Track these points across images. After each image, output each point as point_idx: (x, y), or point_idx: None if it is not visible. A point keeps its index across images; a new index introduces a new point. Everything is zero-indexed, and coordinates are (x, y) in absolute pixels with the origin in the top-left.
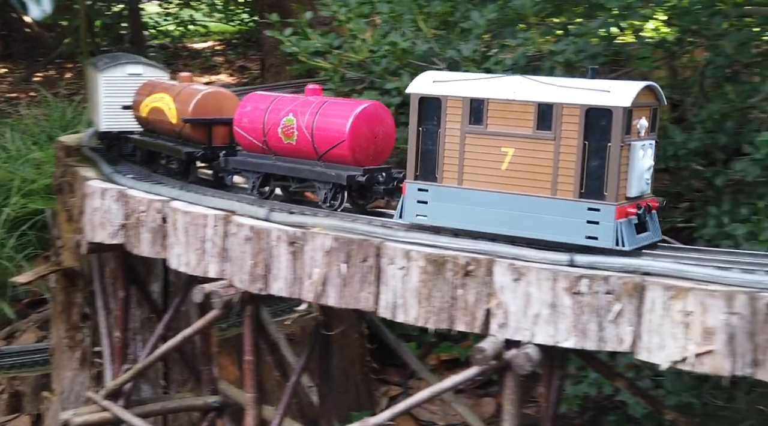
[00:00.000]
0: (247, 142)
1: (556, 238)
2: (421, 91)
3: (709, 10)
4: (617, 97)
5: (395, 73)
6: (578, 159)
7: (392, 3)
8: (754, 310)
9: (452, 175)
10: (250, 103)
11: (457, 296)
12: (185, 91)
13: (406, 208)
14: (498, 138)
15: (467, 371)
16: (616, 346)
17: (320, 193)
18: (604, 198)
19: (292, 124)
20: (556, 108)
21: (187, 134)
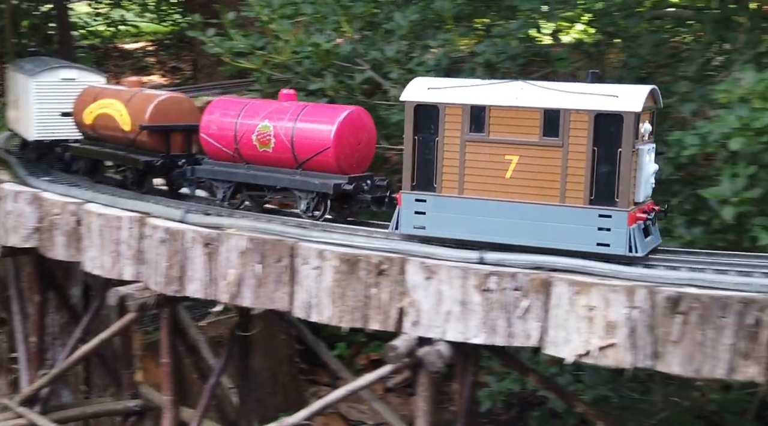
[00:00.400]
0: (216, 150)
1: (566, 246)
2: (417, 99)
3: (624, 12)
4: (627, 102)
5: (319, 73)
6: (588, 165)
7: (316, 4)
8: (654, 304)
9: (452, 185)
10: (218, 108)
11: (371, 295)
12: (139, 97)
13: (403, 219)
14: (501, 146)
15: (381, 369)
16: (524, 342)
17: (301, 203)
18: (615, 204)
19: (268, 131)
20: (564, 114)
21: (142, 142)
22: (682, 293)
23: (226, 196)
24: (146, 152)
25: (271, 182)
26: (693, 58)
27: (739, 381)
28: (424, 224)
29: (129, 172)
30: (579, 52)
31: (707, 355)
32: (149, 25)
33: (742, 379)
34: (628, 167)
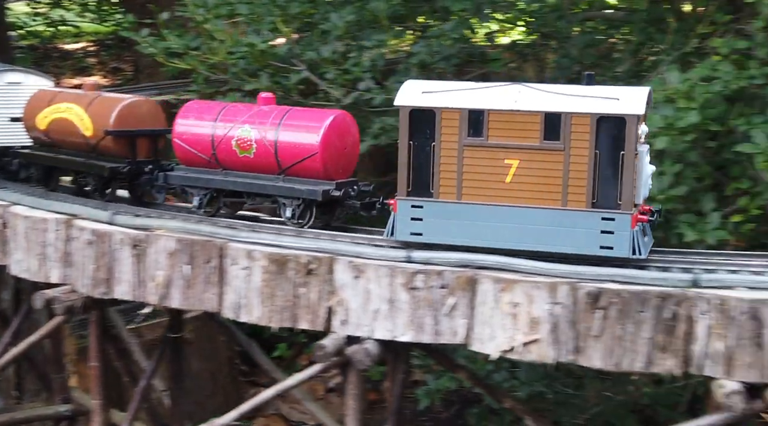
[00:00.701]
0: (191, 155)
1: (568, 250)
2: (412, 103)
3: (557, 14)
4: (629, 104)
5: (255, 74)
6: (590, 168)
7: (252, 4)
8: (575, 300)
9: (450, 190)
10: (192, 112)
11: (300, 295)
12: (101, 100)
13: (399, 225)
14: (501, 150)
15: (310, 369)
16: (450, 339)
17: (286, 210)
18: (618, 207)
19: (249, 136)
20: (565, 117)
21: (106, 148)
22: (602, 289)
23: (202, 204)
24: (110, 158)
25: (253, 189)
26: (623, 58)
27: (659, 373)
28: (420, 231)
29: (91, 179)
30: (513, 53)
31: (626, 349)
32: (90, 25)
33: (660, 371)
34: (630, 170)
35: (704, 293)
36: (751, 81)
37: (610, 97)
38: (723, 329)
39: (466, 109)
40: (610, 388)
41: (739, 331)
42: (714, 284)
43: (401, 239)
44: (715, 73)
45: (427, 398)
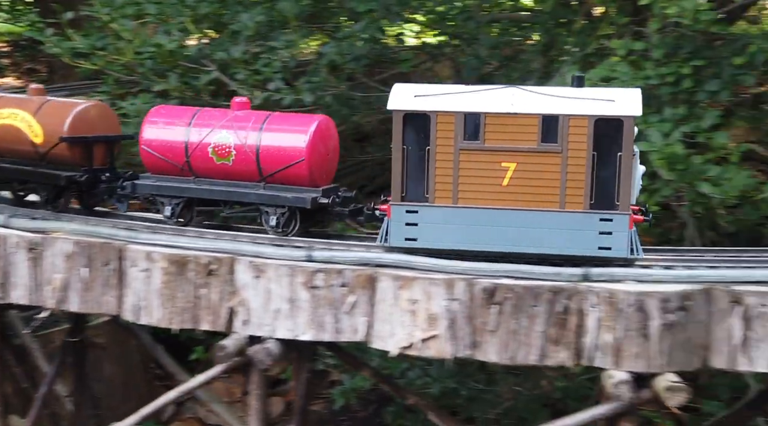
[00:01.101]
0: (161, 163)
1: (567, 252)
2: (406, 107)
3: (464, 15)
4: (625, 106)
5: (163, 74)
6: (587, 170)
7: (161, 4)
8: (472, 296)
9: (446, 195)
10: (160, 117)
11: (201, 296)
12: (51, 106)
13: (393, 231)
14: (497, 153)
15: (211, 370)
16: (351, 337)
17: (269, 219)
18: (616, 208)
19: (227, 142)
20: (562, 119)
21: (59, 156)
22: (497, 284)
23: (175, 213)
24: (63, 167)
25: (233, 197)
26: (529, 59)
27: (551, 366)
28: (416, 236)
29: (41, 189)
30: (424, 53)
31: (521, 343)
32: (3, 25)
33: (553, 364)
34: (628, 171)
35: (594, 287)
36: (646, 81)
37: (606, 99)
38: (612, 321)
39: (462, 112)
40: (523, 382)
41: (626, 323)
42: (603, 278)
43: (396, 245)
44: (613, 73)
45: (342, 398)
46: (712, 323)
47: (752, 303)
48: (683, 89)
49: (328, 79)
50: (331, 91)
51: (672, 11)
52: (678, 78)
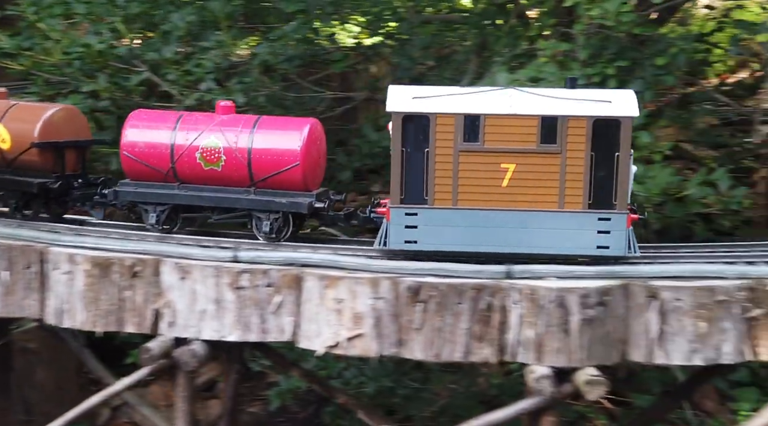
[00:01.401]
0: (144, 169)
1: (566, 251)
2: (405, 109)
3: (396, 16)
4: (623, 107)
5: (92, 75)
6: (586, 170)
7: (90, 3)
8: (397, 294)
9: (445, 196)
10: (141, 122)
11: (125, 298)
12: (19, 110)
13: (393, 234)
14: (497, 154)
15: (137, 372)
16: (278, 337)
17: (262, 224)
18: (614, 207)
19: (217, 147)
20: (561, 120)
21: (28, 162)
22: (422, 283)
23: (160, 220)
24: (32, 173)
25: (224, 204)
26: (459, 59)
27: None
28: (415, 239)
29: (10, 197)
30: (358, 54)
31: (446, 340)
32: None
33: (478, 360)
34: (625, 171)
35: (516, 284)
36: None
37: (604, 100)
38: (533, 317)
39: (461, 114)
40: (460, 380)
41: (548, 319)
42: (526, 275)
43: (396, 248)
44: (540, 74)
45: (278, 399)
46: (630, 318)
47: (667, 298)
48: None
49: (260, 80)
50: (264, 91)
51: (595, 13)
52: (604, 78)
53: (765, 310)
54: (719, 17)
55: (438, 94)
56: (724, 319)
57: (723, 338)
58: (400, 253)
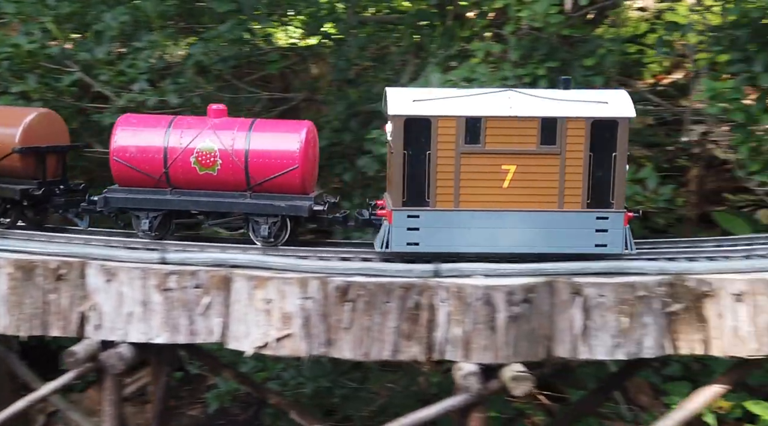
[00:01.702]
0: (135, 175)
1: (565, 250)
2: (407, 112)
3: (331, 17)
4: (620, 107)
5: (22, 75)
6: (585, 170)
7: (20, 3)
8: (326, 294)
9: (447, 198)
10: (131, 127)
11: (50, 301)
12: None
13: (395, 236)
14: (498, 156)
15: (63, 377)
16: (206, 338)
17: (260, 229)
18: (611, 206)
19: (212, 151)
20: (561, 122)
21: (7, 168)
22: (350, 282)
23: (153, 227)
24: (11, 180)
25: (221, 208)
26: (394, 60)
27: (403, 360)
28: (417, 240)
29: None
30: (295, 55)
31: (374, 339)
32: None
33: (406, 358)
34: (622, 170)
35: (444, 282)
36: (504, 82)
37: (601, 101)
38: (461, 315)
39: (463, 116)
40: (400, 379)
41: (475, 316)
42: (453, 273)
43: (398, 251)
44: (473, 74)
45: (216, 401)
46: (554, 314)
47: (591, 294)
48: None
49: (195, 80)
50: (198, 92)
51: (524, 14)
52: (535, 79)
53: (684, 304)
54: (652, 19)
55: (437, 97)
56: (645, 314)
57: (644, 333)
58: (404, 255)
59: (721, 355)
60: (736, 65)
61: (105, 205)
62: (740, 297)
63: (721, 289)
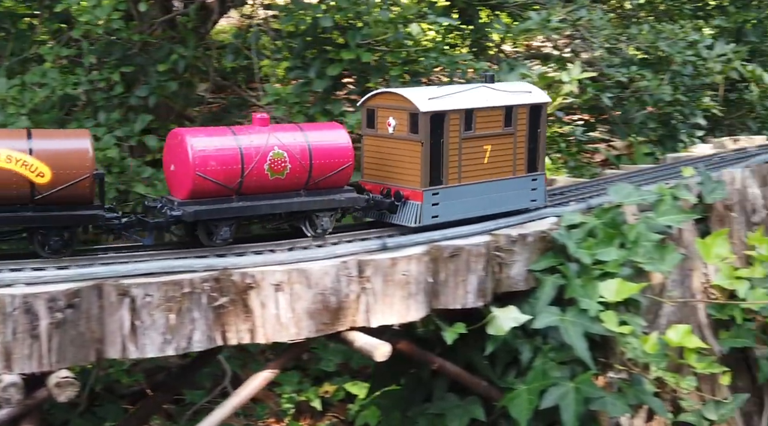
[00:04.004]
0: (212, 187)
1: (515, 207)
2: (431, 109)
3: None
4: (540, 95)
5: None
6: (526, 145)
7: None
8: None
9: (454, 176)
10: (201, 139)
11: None
12: (41, 138)
13: (425, 213)
14: (482, 139)
15: None
16: None
17: (321, 222)
18: (538, 170)
19: (282, 157)
20: (515, 109)
21: (71, 195)
22: None
23: (231, 234)
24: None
25: (293, 208)
26: None
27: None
28: (437, 213)
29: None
30: None
31: None
32: None
33: None
34: (543, 143)
35: None
36: (77, 87)
37: (526, 91)
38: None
39: (463, 109)
40: None
41: (14, 326)
42: None
43: (426, 224)
44: (44, 79)
45: None
46: (104, 316)
47: (138, 294)
48: (116, 95)
49: None
50: None
51: (85, 19)
52: (111, 84)
53: (230, 297)
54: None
55: (440, 95)
56: (193, 309)
57: (193, 328)
58: (431, 227)
59: (265, 341)
60: (295, 71)
61: (189, 218)
62: (279, 286)
63: (263, 280)
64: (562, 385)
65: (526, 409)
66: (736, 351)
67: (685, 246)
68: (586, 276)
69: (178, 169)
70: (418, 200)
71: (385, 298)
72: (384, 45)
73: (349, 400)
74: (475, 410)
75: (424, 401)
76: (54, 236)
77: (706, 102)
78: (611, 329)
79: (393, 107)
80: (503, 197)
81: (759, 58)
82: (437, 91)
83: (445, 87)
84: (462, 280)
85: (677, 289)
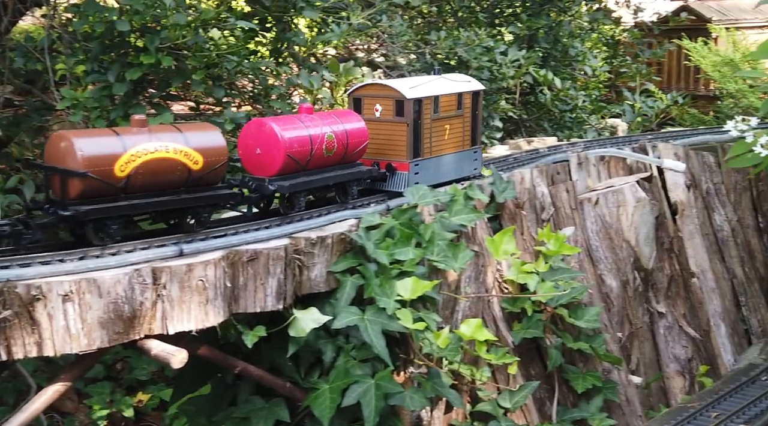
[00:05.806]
0: (292, 164)
1: (467, 174)
2: (414, 96)
3: None
4: (477, 83)
5: None
6: (471, 124)
7: None
8: None
9: (428, 151)
10: (284, 125)
11: None
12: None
13: (410, 180)
14: (444, 120)
15: None
16: None
17: (352, 191)
18: (477, 144)
19: (333, 139)
20: (464, 95)
21: (214, 177)
22: None
23: (304, 204)
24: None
25: (339, 179)
26: None
27: None
28: (418, 180)
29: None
30: None
31: None
32: None
33: None
34: (480, 122)
35: None
36: None
37: (467, 81)
38: None
39: (433, 96)
40: None
41: None
42: None
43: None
44: None
45: None
46: None
47: None
48: None
49: None
50: None
51: None
52: None
53: (14, 310)
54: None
55: (415, 85)
56: None
57: None
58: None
59: (54, 354)
60: (93, 75)
61: (284, 190)
62: (68, 297)
63: (49, 291)
64: (364, 383)
65: (328, 408)
66: (528, 341)
67: (479, 243)
68: (384, 275)
69: (266, 152)
70: (405, 170)
71: (182, 304)
72: (185, 49)
73: (164, 408)
74: (280, 411)
75: (230, 405)
76: (204, 213)
77: (503, 105)
78: (407, 326)
79: (379, 96)
80: (459, 166)
81: (551, 63)
82: (414, 82)
83: (416, 78)
84: (261, 283)
85: (473, 285)
